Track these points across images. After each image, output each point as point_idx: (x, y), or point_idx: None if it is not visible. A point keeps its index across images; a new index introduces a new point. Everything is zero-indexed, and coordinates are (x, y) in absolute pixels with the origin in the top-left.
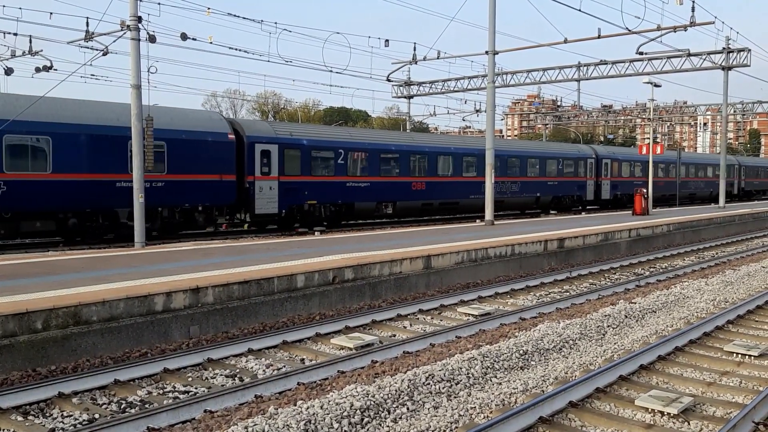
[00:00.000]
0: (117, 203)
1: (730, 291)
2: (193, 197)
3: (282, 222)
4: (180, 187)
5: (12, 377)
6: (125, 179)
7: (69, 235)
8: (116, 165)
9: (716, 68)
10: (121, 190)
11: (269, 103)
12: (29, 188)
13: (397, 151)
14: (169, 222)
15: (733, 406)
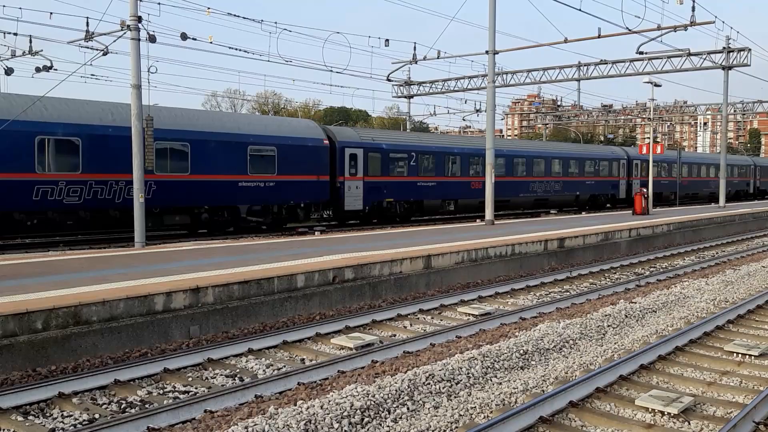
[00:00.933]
0: (239, 200)
1: (731, 290)
2: (296, 195)
3: (364, 217)
4: (287, 186)
5: (12, 377)
6: (245, 179)
7: (201, 227)
8: (238, 167)
9: (716, 68)
10: (243, 188)
11: (269, 103)
12: (173, 187)
13: (459, 153)
14: (278, 217)
15: (734, 406)
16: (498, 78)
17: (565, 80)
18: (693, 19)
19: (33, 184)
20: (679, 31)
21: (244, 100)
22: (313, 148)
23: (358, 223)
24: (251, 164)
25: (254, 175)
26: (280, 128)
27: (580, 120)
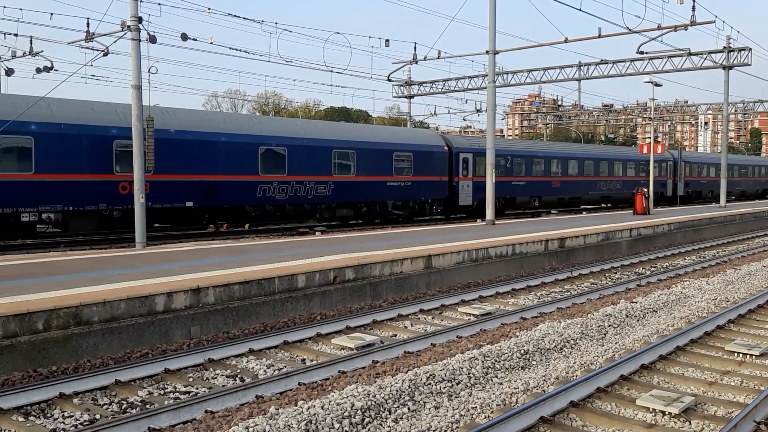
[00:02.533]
0: (387, 197)
1: (731, 290)
2: (426, 193)
3: (473, 211)
4: (419, 185)
5: (13, 378)
6: (391, 180)
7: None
8: (387, 170)
9: (717, 67)
10: (389, 187)
11: (270, 103)
12: (344, 187)
13: (543, 156)
14: (412, 210)
15: (735, 406)
16: (498, 78)
17: (565, 80)
18: (693, 18)
19: (257, 184)
20: (680, 30)
21: (245, 101)
22: (437, 153)
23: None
24: (395, 168)
25: (397, 177)
26: (414, 138)
27: (580, 120)
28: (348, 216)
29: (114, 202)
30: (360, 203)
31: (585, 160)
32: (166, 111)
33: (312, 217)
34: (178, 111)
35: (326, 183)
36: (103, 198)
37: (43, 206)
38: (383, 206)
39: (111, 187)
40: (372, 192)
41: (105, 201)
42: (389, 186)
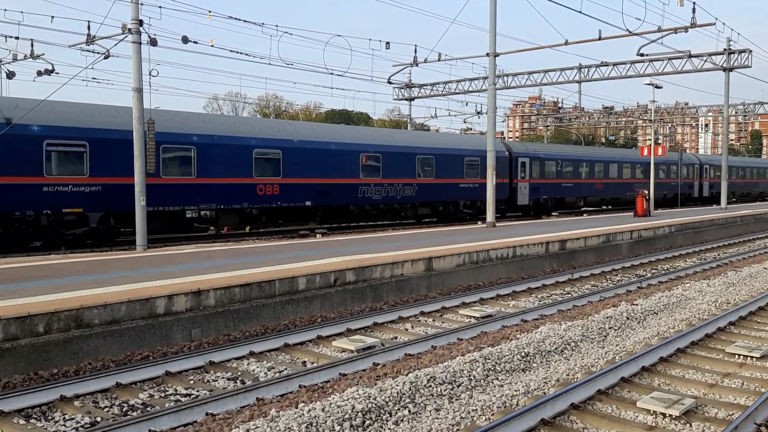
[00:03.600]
0: (459, 197)
1: (732, 292)
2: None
3: (529, 210)
4: (479, 188)
5: (14, 380)
6: (462, 182)
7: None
8: (459, 173)
9: (717, 69)
10: (461, 189)
11: (270, 106)
12: (426, 188)
13: (588, 160)
14: (479, 210)
15: (735, 408)
16: (499, 80)
17: (566, 82)
18: (693, 20)
19: (358, 186)
20: (680, 32)
21: (246, 103)
22: (500, 158)
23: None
24: (466, 171)
25: (467, 179)
26: (481, 144)
27: (581, 122)
28: (426, 214)
29: (253, 201)
30: (437, 203)
31: (623, 164)
32: (290, 124)
33: (399, 216)
34: (298, 123)
35: (411, 185)
36: (245, 198)
37: (201, 205)
38: (456, 205)
39: (251, 189)
40: (448, 193)
41: (246, 200)
42: (461, 188)
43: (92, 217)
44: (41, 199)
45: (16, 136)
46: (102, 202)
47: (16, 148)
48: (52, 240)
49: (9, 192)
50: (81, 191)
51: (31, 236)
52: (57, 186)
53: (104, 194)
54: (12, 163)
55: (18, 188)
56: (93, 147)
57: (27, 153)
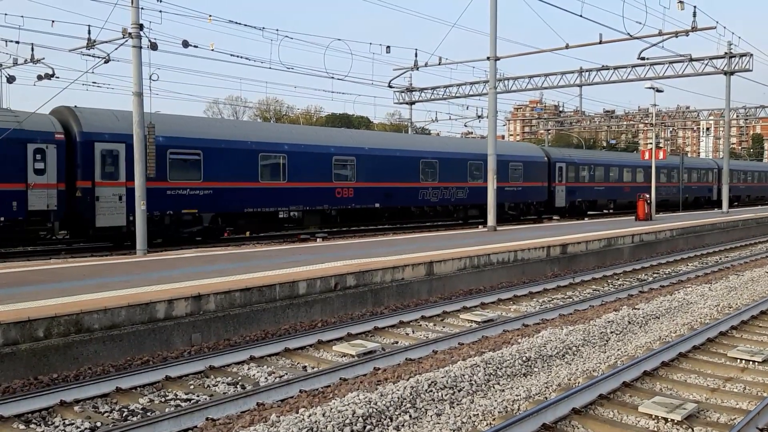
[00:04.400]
0: (505, 199)
1: (734, 296)
2: (531, 196)
3: (565, 211)
4: (527, 190)
5: (14, 385)
6: (507, 185)
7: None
8: (504, 177)
9: (718, 73)
10: (506, 191)
11: (271, 110)
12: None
13: (617, 165)
14: (521, 211)
15: (737, 413)
16: (500, 84)
17: (566, 86)
18: (694, 24)
19: (418, 189)
20: (681, 36)
21: (246, 107)
22: (539, 163)
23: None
24: (511, 176)
25: (512, 183)
26: (523, 150)
27: (582, 125)
28: (475, 215)
29: (332, 203)
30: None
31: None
32: (361, 134)
33: (451, 216)
34: (368, 133)
35: (464, 188)
36: (325, 200)
37: (291, 207)
38: (501, 207)
39: (330, 192)
40: (515, 196)
41: (326, 202)
42: (506, 191)
43: (205, 217)
44: (165, 201)
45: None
46: (213, 203)
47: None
48: (172, 237)
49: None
50: (196, 194)
51: (155, 234)
52: (178, 190)
53: (214, 197)
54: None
55: (149, 192)
56: (206, 155)
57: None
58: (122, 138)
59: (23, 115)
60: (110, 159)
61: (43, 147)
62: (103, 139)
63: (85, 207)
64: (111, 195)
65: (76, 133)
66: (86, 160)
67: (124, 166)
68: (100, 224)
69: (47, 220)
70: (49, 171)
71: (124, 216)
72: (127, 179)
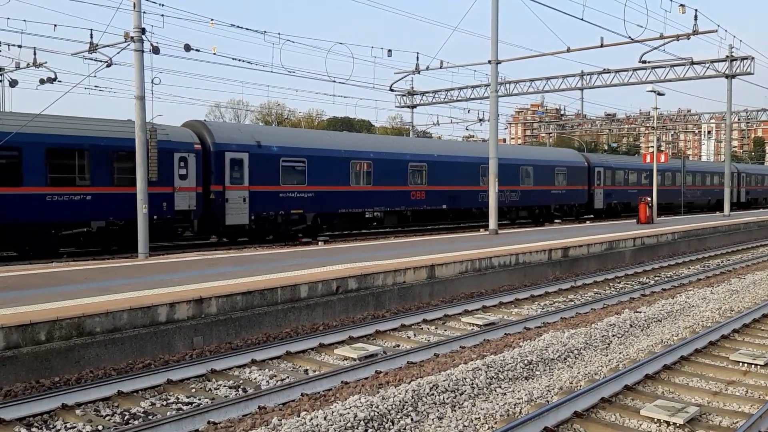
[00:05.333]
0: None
1: (736, 299)
2: (574, 198)
3: (603, 213)
4: (570, 192)
5: (15, 389)
6: (554, 189)
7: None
8: (551, 181)
9: (720, 76)
10: (552, 194)
11: (273, 113)
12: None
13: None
14: (566, 212)
15: (740, 416)
16: (501, 87)
17: (568, 89)
18: (696, 28)
19: (478, 192)
20: (682, 39)
21: (248, 111)
22: (580, 168)
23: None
24: (556, 179)
25: (557, 186)
26: (566, 156)
27: (583, 129)
28: (524, 216)
29: (408, 204)
30: (535, 206)
31: (676, 172)
32: (430, 141)
33: (505, 217)
34: (436, 141)
35: (516, 191)
36: (402, 202)
37: (375, 207)
38: (548, 209)
39: (406, 195)
40: (543, 198)
41: (403, 204)
42: (552, 193)
43: (308, 217)
44: (278, 203)
45: (264, 155)
46: (315, 205)
47: (264, 164)
48: (282, 234)
49: (260, 197)
50: (302, 197)
51: (269, 231)
52: (288, 193)
53: (316, 199)
54: (261, 176)
55: (266, 194)
56: (309, 163)
57: (270, 168)
58: (245, 148)
59: (168, 129)
60: (237, 166)
61: (186, 156)
62: (231, 149)
63: (218, 207)
64: (237, 197)
65: (210, 144)
66: (218, 167)
67: (247, 172)
68: (229, 222)
69: (189, 218)
70: (190, 176)
71: (247, 215)
72: (250, 184)
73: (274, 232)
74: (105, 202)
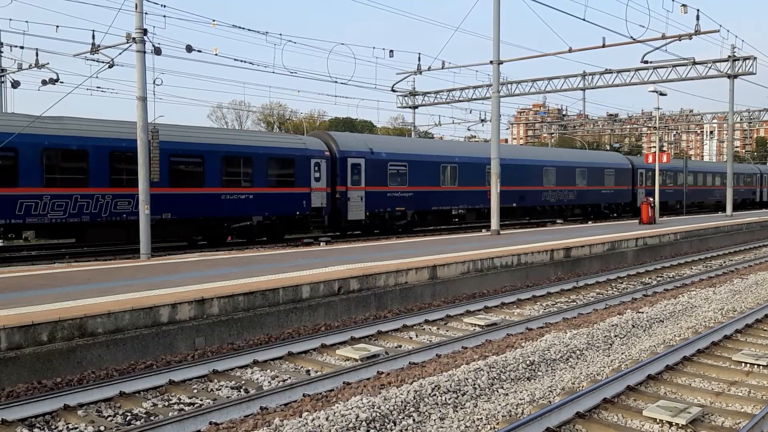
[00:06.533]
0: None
1: (738, 300)
2: (620, 198)
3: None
4: (617, 192)
5: (18, 389)
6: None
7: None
8: (601, 182)
9: (722, 76)
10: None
11: (274, 114)
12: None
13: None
14: (612, 210)
15: (742, 416)
16: (503, 88)
17: (570, 89)
18: (698, 28)
19: (542, 192)
20: (684, 40)
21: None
22: (626, 169)
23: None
24: (605, 180)
25: (607, 186)
26: (613, 159)
27: (585, 129)
28: (578, 214)
29: (485, 203)
30: (588, 205)
31: (707, 174)
32: (504, 147)
33: (561, 216)
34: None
35: (573, 191)
36: (480, 201)
37: (459, 205)
38: (598, 207)
39: (484, 194)
40: (595, 197)
41: (481, 202)
42: (603, 193)
43: (408, 213)
44: (386, 201)
45: (375, 160)
46: (413, 203)
47: (375, 168)
48: (388, 229)
49: (373, 197)
50: (404, 196)
51: (377, 226)
52: (393, 193)
53: (415, 198)
54: (374, 178)
55: (378, 194)
56: (410, 167)
57: (380, 171)
58: (362, 154)
59: (305, 138)
60: (356, 170)
61: (319, 161)
62: (351, 155)
63: (342, 205)
64: (356, 197)
65: (335, 151)
66: (342, 171)
67: (363, 175)
68: (350, 218)
69: (321, 214)
70: (322, 179)
71: (363, 212)
72: (365, 185)
73: (381, 227)
74: (262, 201)
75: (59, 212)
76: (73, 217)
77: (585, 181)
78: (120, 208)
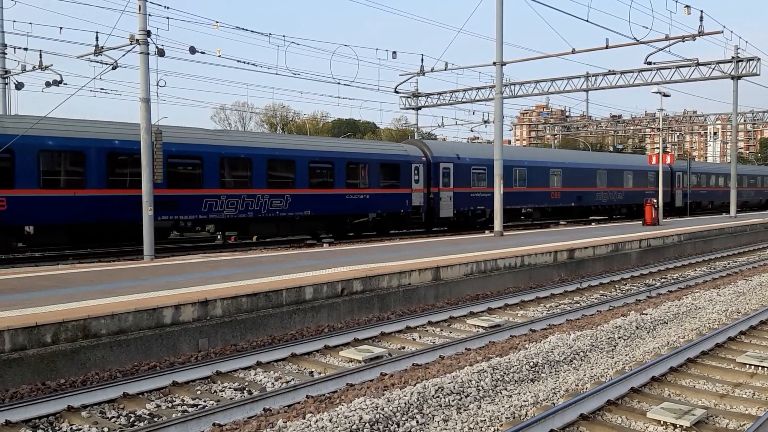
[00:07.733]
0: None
1: (743, 301)
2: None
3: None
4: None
5: (21, 390)
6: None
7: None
8: (644, 183)
9: (726, 77)
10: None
11: (278, 116)
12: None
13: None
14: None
15: (747, 418)
16: (506, 89)
17: (573, 90)
18: (701, 29)
19: (595, 193)
20: (688, 41)
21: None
22: (665, 172)
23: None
24: (648, 181)
25: (649, 188)
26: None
27: (589, 130)
28: (624, 213)
29: (549, 202)
30: (633, 205)
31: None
32: (560, 152)
33: (608, 214)
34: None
35: (621, 192)
36: (545, 201)
37: (528, 205)
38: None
39: (547, 195)
40: (639, 197)
41: (545, 202)
42: (646, 194)
43: (487, 212)
44: (469, 201)
45: (461, 165)
46: (490, 203)
47: (461, 172)
48: (471, 225)
49: (460, 197)
50: (484, 196)
51: (462, 223)
52: (475, 193)
53: (491, 198)
54: (460, 181)
55: (463, 195)
56: (488, 171)
57: (465, 174)
58: (451, 159)
59: (406, 146)
60: (446, 173)
61: (418, 166)
62: (442, 161)
63: (435, 204)
64: (447, 197)
65: (429, 157)
66: (435, 174)
67: (452, 178)
68: (442, 216)
69: (419, 212)
70: (420, 181)
71: (452, 210)
72: (454, 186)
73: (465, 224)
74: (376, 200)
75: (232, 209)
76: (241, 213)
77: (631, 182)
78: (275, 206)
